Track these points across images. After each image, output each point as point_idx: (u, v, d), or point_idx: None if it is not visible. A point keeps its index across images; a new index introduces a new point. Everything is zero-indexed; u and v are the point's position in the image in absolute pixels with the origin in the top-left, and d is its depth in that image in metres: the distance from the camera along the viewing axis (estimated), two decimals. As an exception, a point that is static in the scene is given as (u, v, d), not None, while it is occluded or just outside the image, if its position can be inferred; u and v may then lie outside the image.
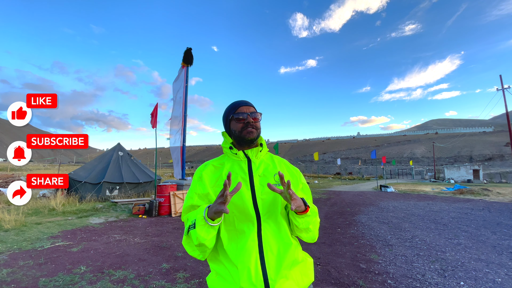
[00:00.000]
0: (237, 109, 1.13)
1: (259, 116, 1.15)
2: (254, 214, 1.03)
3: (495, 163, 59.77)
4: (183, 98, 10.28)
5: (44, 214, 7.30)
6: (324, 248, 4.55)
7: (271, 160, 1.19)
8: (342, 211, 8.88)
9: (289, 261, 1.02)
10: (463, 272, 3.44)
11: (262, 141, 1.19)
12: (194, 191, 1.10)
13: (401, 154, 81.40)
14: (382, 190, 18.35)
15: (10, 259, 3.75)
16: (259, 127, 1.14)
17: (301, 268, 1.06)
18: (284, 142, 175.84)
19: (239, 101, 1.17)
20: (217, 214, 0.92)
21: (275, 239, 1.03)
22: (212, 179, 1.11)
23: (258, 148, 1.15)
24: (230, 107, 1.17)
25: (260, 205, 1.04)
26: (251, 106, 1.16)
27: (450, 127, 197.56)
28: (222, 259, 1.03)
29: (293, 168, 1.21)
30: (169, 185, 8.17)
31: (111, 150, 12.00)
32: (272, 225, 1.04)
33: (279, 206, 1.07)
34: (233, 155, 1.13)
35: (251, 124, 1.11)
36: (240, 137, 1.11)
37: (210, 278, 1.07)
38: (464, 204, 10.45)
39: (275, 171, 1.13)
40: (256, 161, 1.13)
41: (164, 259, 3.90)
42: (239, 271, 0.96)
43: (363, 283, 3.09)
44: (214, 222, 0.94)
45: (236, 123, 1.12)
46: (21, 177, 18.14)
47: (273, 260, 0.98)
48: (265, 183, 1.06)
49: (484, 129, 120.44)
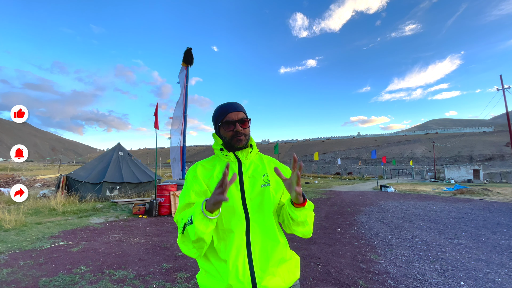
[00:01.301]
0: (225, 116, 1.13)
1: (248, 122, 1.16)
2: (243, 214, 1.05)
3: (495, 163, 59.73)
4: (183, 98, 10.30)
5: (44, 214, 7.30)
6: (324, 248, 4.55)
7: (260, 160, 1.21)
8: (342, 211, 8.87)
9: (276, 259, 1.06)
10: (463, 272, 3.44)
11: (252, 142, 1.21)
12: (190, 189, 1.10)
13: (401, 154, 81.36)
14: (382, 190, 18.35)
15: (10, 259, 3.75)
16: (248, 133, 1.16)
17: (287, 266, 1.10)
18: (284, 142, 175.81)
19: (227, 105, 1.16)
20: (216, 205, 0.92)
21: (263, 238, 1.06)
22: (205, 178, 1.13)
23: (248, 149, 1.17)
24: (218, 112, 1.16)
25: (249, 206, 1.07)
26: (240, 111, 1.15)
27: (450, 127, 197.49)
28: (210, 257, 1.06)
29: (283, 167, 1.23)
30: (169, 185, 8.17)
31: (111, 150, 12.01)
32: (260, 224, 1.07)
33: (268, 206, 1.10)
34: (224, 157, 1.16)
35: (240, 132, 1.11)
36: (230, 144, 1.13)
37: (199, 276, 1.10)
38: (465, 204, 10.45)
39: (264, 171, 1.16)
40: (246, 162, 1.15)
41: (164, 259, 3.90)
42: (227, 269, 0.99)
43: (363, 283, 3.08)
44: (212, 215, 0.93)
45: (225, 130, 1.13)
46: (21, 177, 18.15)
47: (260, 258, 1.02)
48: (254, 184, 1.11)
49: (484, 129, 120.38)
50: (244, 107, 1.20)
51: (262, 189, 1.11)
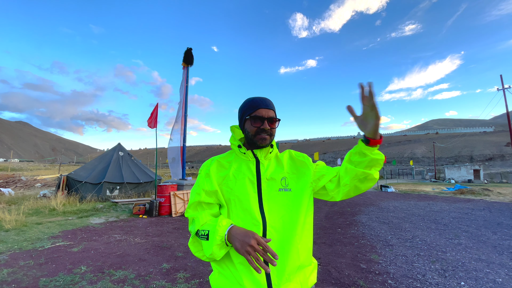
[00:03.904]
0: (255, 110, 1.05)
1: (277, 122, 1.08)
2: (260, 218, 0.99)
3: (496, 163, 59.69)
4: (184, 98, 10.30)
5: (45, 214, 7.30)
6: (325, 248, 4.55)
7: (278, 160, 1.14)
8: (342, 211, 8.87)
9: (294, 265, 1.00)
10: (464, 272, 3.44)
11: (273, 142, 1.13)
12: (201, 187, 1.05)
13: (401, 154, 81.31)
14: (383, 190, 18.34)
15: (10, 259, 3.75)
16: (274, 134, 1.08)
17: (305, 272, 1.04)
18: (284, 142, 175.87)
19: (260, 100, 1.07)
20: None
21: (281, 243, 1.00)
22: (219, 177, 1.07)
23: (268, 149, 1.10)
24: (248, 105, 1.08)
25: (266, 209, 1.01)
26: (271, 109, 1.07)
27: (451, 127, 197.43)
28: (225, 259, 1.01)
29: (299, 158, 1.15)
30: (169, 185, 8.17)
31: (112, 150, 12.02)
32: (278, 229, 1.01)
33: (286, 211, 1.03)
34: (241, 154, 1.09)
35: (267, 130, 1.04)
36: (252, 141, 1.06)
37: (213, 277, 1.06)
38: (465, 204, 10.44)
39: (283, 173, 1.09)
40: (264, 163, 1.08)
41: (165, 259, 3.90)
42: (242, 272, 0.96)
43: (363, 283, 3.08)
44: (230, 244, 0.94)
45: (251, 125, 1.05)
46: (21, 177, 18.16)
47: (277, 264, 0.97)
48: (273, 187, 1.04)
49: (484, 129, 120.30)
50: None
51: (280, 193, 1.04)
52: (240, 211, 1.01)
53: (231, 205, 1.03)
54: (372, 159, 0.95)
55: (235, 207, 1.02)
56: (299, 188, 1.08)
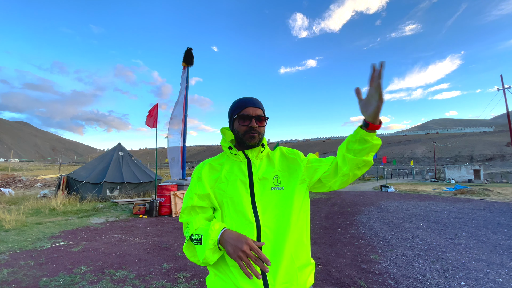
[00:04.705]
0: (242, 110, 1.05)
1: (265, 121, 1.08)
2: (253, 219, 0.98)
3: (496, 163, 59.67)
4: (184, 98, 10.30)
5: (45, 214, 7.31)
6: (325, 248, 4.55)
7: (269, 159, 1.13)
8: (342, 211, 8.87)
9: (291, 265, 0.99)
10: (464, 272, 3.44)
11: (264, 141, 1.12)
12: (194, 191, 1.06)
13: (401, 154, 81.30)
14: (383, 190, 18.33)
15: (11, 259, 3.75)
16: (262, 132, 1.08)
17: (303, 272, 1.02)
18: (284, 142, 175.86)
19: (246, 99, 1.08)
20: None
21: (275, 244, 0.98)
22: (211, 180, 1.07)
23: (259, 148, 1.09)
24: (236, 105, 1.09)
25: (259, 209, 1.00)
26: (259, 107, 1.07)
27: (451, 127, 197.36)
28: (221, 261, 1.01)
29: (290, 155, 1.14)
30: (169, 185, 8.17)
31: (112, 150, 12.03)
32: (272, 229, 0.99)
33: (280, 210, 1.02)
34: (233, 155, 1.08)
35: (255, 129, 1.04)
36: (242, 140, 1.06)
37: (209, 279, 1.06)
38: (465, 204, 10.43)
39: (274, 172, 1.08)
40: (256, 162, 1.08)
41: (165, 259, 3.90)
42: (237, 273, 0.95)
43: (363, 283, 3.08)
44: (223, 248, 0.93)
45: (240, 124, 1.05)
46: (21, 177, 18.17)
47: (272, 263, 0.95)
48: (265, 187, 1.04)
49: (484, 129, 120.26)
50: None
51: (273, 192, 1.03)
52: (233, 212, 1.00)
53: (224, 207, 1.02)
54: (373, 145, 0.93)
55: (228, 209, 1.01)
56: (291, 185, 1.07)
